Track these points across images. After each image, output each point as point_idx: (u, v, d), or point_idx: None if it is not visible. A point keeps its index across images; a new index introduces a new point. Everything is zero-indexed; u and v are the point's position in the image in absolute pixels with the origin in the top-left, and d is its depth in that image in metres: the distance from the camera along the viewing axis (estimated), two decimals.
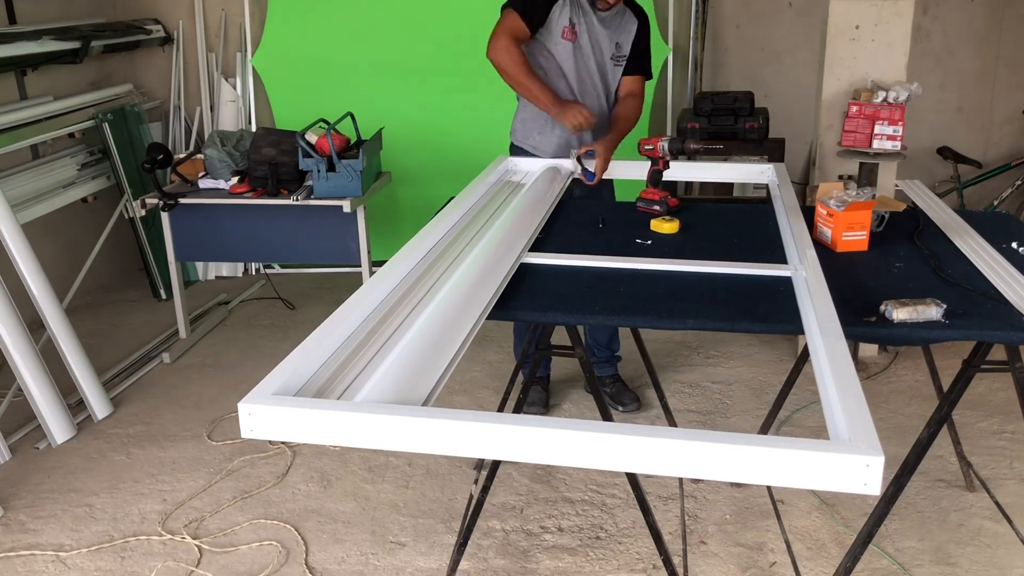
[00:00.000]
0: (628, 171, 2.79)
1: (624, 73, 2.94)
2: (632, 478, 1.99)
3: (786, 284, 1.82)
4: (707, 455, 1.11)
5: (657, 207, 2.36)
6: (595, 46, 2.83)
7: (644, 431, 1.14)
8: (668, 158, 2.46)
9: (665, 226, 2.23)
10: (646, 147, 2.48)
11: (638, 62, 2.96)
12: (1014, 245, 2.07)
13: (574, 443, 1.14)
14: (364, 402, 1.31)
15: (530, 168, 2.82)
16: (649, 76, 3.02)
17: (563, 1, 2.75)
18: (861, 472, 1.09)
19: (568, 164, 2.76)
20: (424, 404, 1.30)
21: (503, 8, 2.71)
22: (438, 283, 1.79)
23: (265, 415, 1.23)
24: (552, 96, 2.72)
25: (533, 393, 3.28)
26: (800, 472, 1.10)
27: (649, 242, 2.16)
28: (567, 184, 2.65)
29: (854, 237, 2.09)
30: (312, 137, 3.55)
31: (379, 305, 1.65)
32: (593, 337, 3.23)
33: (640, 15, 2.93)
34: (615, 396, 3.30)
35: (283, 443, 3.09)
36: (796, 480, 1.11)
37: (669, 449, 1.12)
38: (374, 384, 1.36)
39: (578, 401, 3.37)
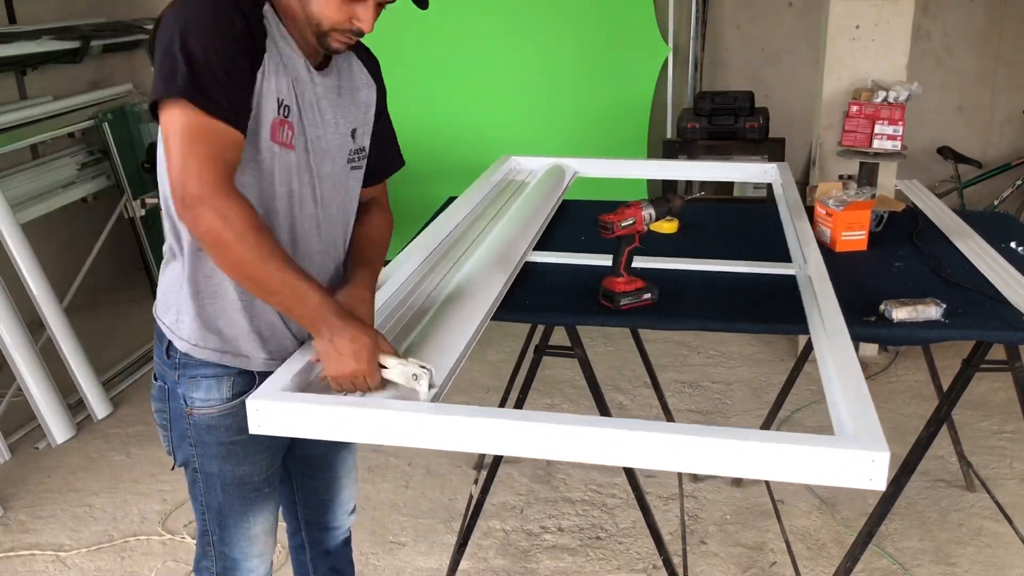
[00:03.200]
0: (628, 170, 2.78)
1: (388, 174, 1.62)
2: (632, 478, 1.99)
3: (789, 283, 1.82)
4: (713, 450, 1.11)
5: (648, 296, 1.76)
6: (327, 148, 1.40)
7: (650, 426, 1.14)
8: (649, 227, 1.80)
9: (665, 226, 2.22)
10: (622, 223, 1.72)
11: (391, 151, 1.60)
12: (1013, 245, 2.08)
13: (580, 438, 1.15)
14: (370, 398, 1.31)
15: (533, 167, 2.82)
16: (403, 163, 1.63)
17: (267, 57, 1.26)
18: (867, 467, 1.09)
19: None
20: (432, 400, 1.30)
21: (166, 100, 1.19)
22: (443, 281, 1.79)
23: (273, 411, 1.23)
24: (327, 294, 1.29)
25: None
26: (805, 468, 1.10)
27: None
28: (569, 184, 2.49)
29: (853, 237, 2.09)
30: None
31: (384, 303, 1.65)
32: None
33: (375, 70, 1.55)
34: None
35: None
36: (801, 476, 1.11)
37: (676, 444, 1.12)
38: None
39: (578, 401, 3.37)
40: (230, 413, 1.42)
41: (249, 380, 1.41)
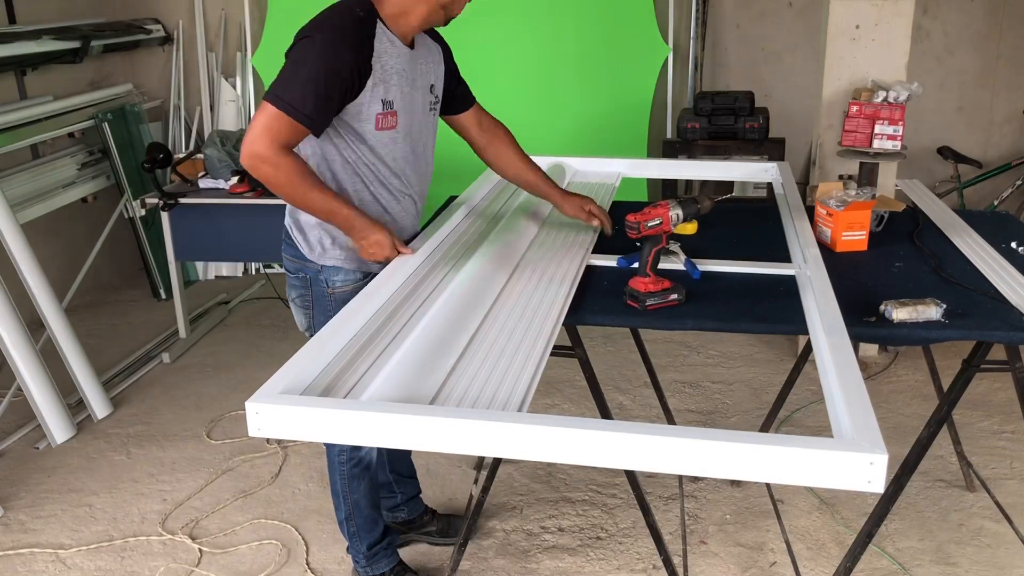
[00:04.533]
0: (628, 170, 2.78)
1: (462, 110, 2.16)
2: (632, 478, 1.99)
3: (789, 283, 1.82)
4: (712, 453, 1.12)
5: (675, 296, 1.75)
6: (415, 115, 1.96)
7: (649, 429, 1.14)
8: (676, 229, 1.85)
9: (687, 227, 2.20)
10: (648, 224, 1.76)
11: (465, 91, 2.17)
12: (1014, 245, 2.07)
13: (580, 441, 1.15)
14: (370, 400, 1.31)
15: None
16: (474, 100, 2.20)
17: (374, 74, 1.80)
18: (865, 469, 1.09)
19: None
20: (431, 403, 1.30)
21: (272, 104, 1.71)
22: (444, 282, 1.79)
23: (272, 414, 1.23)
24: (347, 207, 1.82)
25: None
26: (804, 470, 1.11)
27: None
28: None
29: (854, 237, 2.09)
30: None
31: (384, 304, 1.65)
32: (394, 468, 2.46)
33: (434, 35, 2.09)
34: (445, 531, 2.55)
35: (277, 442, 3.09)
36: (800, 478, 1.11)
37: (675, 447, 1.13)
38: (380, 383, 1.37)
39: (578, 401, 3.37)
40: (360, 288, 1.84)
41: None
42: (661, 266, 1.81)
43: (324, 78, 1.71)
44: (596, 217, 2.13)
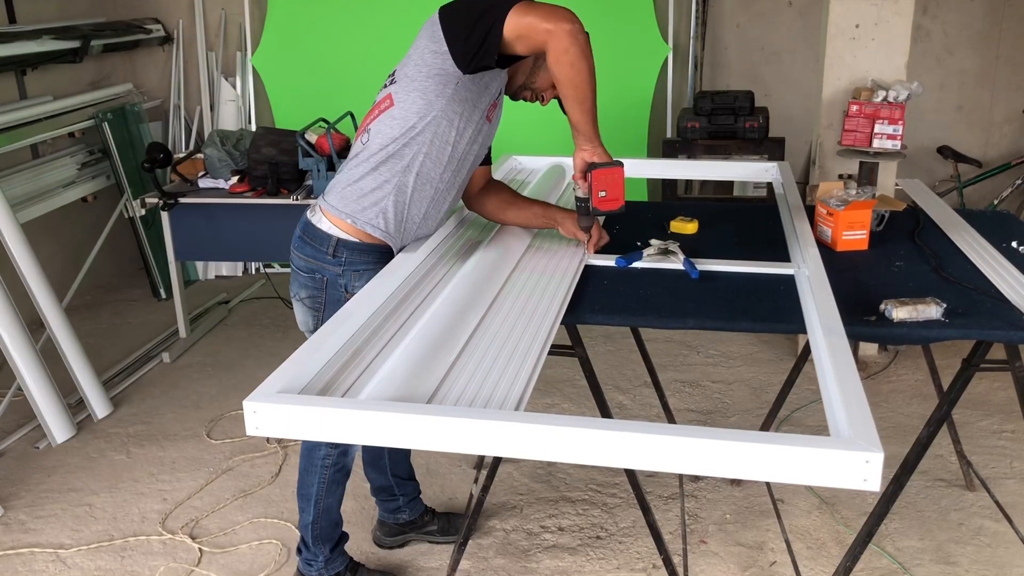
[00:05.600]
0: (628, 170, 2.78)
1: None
2: (632, 477, 1.99)
3: (789, 283, 1.82)
4: (709, 451, 1.12)
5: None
6: (484, 141, 1.99)
7: (647, 428, 1.14)
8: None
9: (686, 227, 2.21)
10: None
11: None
12: (1014, 244, 2.07)
13: (577, 440, 1.15)
14: (369, 399, 1.31)
15: (534, 167, 2.82)
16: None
17: (502, 81, 1.89)
18: (861, 468, 1.09)
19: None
20: (429, 401, 1.30)
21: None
22: (442, 281, 1.79)
23: (270, 412, 1.23)
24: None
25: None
26: (800, 468, 1.11)
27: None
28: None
29: (854, 236, 2.09)
30: (312, 136, 3.55)
31: (383, 303, 1.65)
32: (394, 472, 2.46)
33: None
34: (446, 529, 2.55)
35: (277, 442, 3.09)
36: (796, 476, 1.11)
37: (672, 446, 1.12)
38: (378, 382, 1.37)
39: (578, 401, 3.37)
40: None
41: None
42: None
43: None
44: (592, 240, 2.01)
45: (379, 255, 1.93)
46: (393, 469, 2.45)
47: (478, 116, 1.87)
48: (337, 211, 1.91)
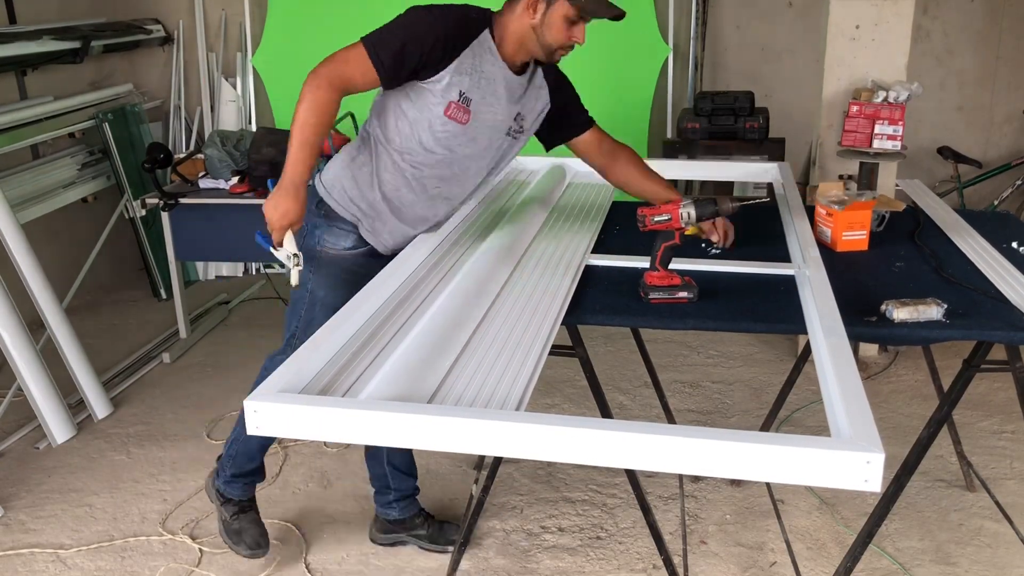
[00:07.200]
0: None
1: (578, 131, 2.20)
2: (632, 478, 1.99)
3: (789, 283, 1.82)
4: (709, 452, 1.12)
5: (685, 294, 1.76)
6: (490, 126, 2.02)
7: (648, 428, 1.14)
8: (689, 229, 1.89)
9: (687, 228, 2.20)
10: (656, 219, 1.83)
11: (581, 111, 2.22)
12: (1014, 245, 2.07)
13: (578, 440, 1.15)
14: (369, 399, 1.31)
15: (534, 167, 2.82)
16: (591, 123, 2.23)
17: (460, 63, 1.91)
18: (862, 469, 1.09)
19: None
20: (430, 401, 1.30)
21: (361, 41, 1.88)
22: (443, 281, 1.79)
23: (271, 412, 1.23)
24: (304, 173, 1.86)
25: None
26: (801, 469, 1.11)
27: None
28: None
29: (854, 236, 2.09)
30: None
31: (384, 303, 1.65)
32: (391, 461, 2.45)
33: (550, 71, 2.15)
34: (435, 537, 2.52)
35: (277, 442, 3.08)
36: (797, 477, 1.11)
37: (672, 446, 1.13)
38: (378, 382, 1.37)
39: (579, 401, 3.37)
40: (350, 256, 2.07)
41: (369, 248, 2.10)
42: (677, 265, 1.81)
43: (411, 39, 1.84)
44: (715, 231, 2.08)
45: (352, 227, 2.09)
46: (390, 457, 2.44)
47: (428, 115, 1.94)
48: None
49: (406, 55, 1.84)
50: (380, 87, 1.91)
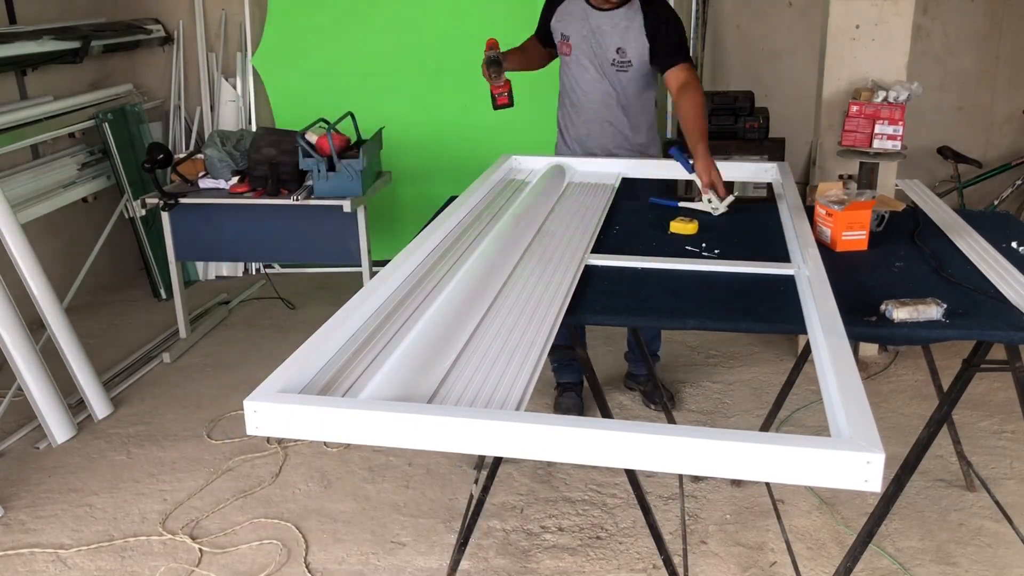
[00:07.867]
0: (628, 170, 2.78)
1: (663, 69, 2.81)
2: (632, 477, 1.99)
3: (789, 283, 1.82)
4: (709, 452, 1.12)
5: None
6: (594, 54, 2.83)
7: (646, 428, 1.14)
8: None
9: (686, 227, 2.21)
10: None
11: (669, 54, 2.78)
12: (1014, 244, 2.07)
13: (578, 440, 1.15)
14: (369, 399, 1.31)
15: (533, 167, 2.82)
16: (688, 61, 2.80)
17: (560, 10, 2.83)
18: (862, 469, 1.09)
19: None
20: (430, 402, 1.30)
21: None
22: (442, 281, 1.79)
23: (270, 412, 1.23)
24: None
25: (567, 399, 3.26)
26: (801, 469, 1.11)
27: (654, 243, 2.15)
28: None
29: (854, 236, 2.09)
30: (312, 137, 3.55)
31: (383, 303, 1.65)
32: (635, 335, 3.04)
33: (647, 7, 2.78)
34: (648, 395, 3.32)
35: (277, 442, 3.09)
36: (797, 477, 1.11)
37: (672, 446, 1.13)
38: (378, 382, 1.37)
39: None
40: None
41: None
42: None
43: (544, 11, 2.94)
44: (709, 191, 2.38)
45: None
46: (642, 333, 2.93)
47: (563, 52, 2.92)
48: None
49: (544, 19, 2.95)
50: None
